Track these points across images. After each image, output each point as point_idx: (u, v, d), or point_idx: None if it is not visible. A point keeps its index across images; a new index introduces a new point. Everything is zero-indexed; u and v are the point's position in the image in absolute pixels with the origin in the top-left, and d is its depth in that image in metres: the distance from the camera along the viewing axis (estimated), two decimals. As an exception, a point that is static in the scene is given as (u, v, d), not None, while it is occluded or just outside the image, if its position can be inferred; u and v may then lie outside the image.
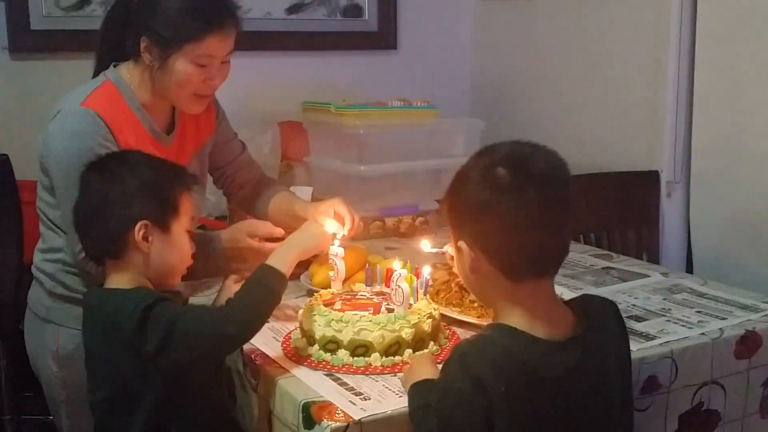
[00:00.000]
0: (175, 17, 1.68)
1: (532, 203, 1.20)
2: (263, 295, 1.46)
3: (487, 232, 1.23)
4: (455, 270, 1.56)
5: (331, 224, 1.75)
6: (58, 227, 1.74)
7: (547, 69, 3.10)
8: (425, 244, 1.70)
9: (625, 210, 2.73)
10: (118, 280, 1.48)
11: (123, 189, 1.46)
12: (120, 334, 1.38)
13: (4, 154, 2.10)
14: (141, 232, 1.45)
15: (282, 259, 1.52)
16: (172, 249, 1.51)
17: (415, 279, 1.59)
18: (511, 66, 3.28)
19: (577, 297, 1.39)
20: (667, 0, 2.57)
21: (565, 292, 1.78)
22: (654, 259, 2.69)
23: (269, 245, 1.80)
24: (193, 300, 1.79)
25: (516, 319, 1.24)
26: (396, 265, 1.58)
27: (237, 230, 1.88)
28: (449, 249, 1.55)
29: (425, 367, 1.38)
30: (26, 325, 1.83)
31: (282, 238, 1.77)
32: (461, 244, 1.27)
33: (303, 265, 1.98)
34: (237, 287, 1.52)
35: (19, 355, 1.89)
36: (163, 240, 1.48)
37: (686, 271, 2.62)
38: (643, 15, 2.68)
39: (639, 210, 2.73)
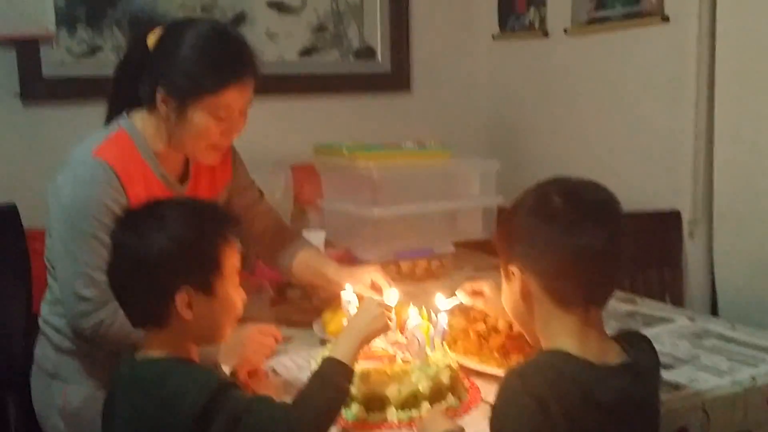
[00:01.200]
0: (194, 68, 1.62)
1: (585, 229, 1.23)
2: (333, 395, 1.34)
3: (539, 255, 1.26)
4: (476, 312, 1.52)
5: (389, 297, 1.65)
6: None
7: (563, 108, 3.06)
8: (440, 299, 1.61)
9: (646, 251, 2.66)
10: (161, 347, 1.34)
11: (158, 252, 1.30)
12: (179, 417, 1.23)
13: (12, 203, 2.06)
14: (184, 302, 1.31)
15: (347, 350, 1.39)
16: (218, 310, 1.36)
17: (431, 327, 1.53)
18: (526, 105, 3.25)
19: (617, 332, 1.38)
20: (686, 36, 2.53)
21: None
22: (678, 301, 2.62)
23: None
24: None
25: (568, 344, 1.25)
26: (411, 312, 1.53)
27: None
28: (461, 295, 1.52)
29: (439, 421, 1.33)
30: (33, 381, 1.78)
31: None
32: (513, 268, 1.29)
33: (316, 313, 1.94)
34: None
35: (29, 409, 1.83)
36: (208, 303, 1.33)
37: (711, 313, 2.55)
38: (660, 51, 2.64)
39: (661, 251, 2.66)
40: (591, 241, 1.23)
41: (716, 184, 2.51)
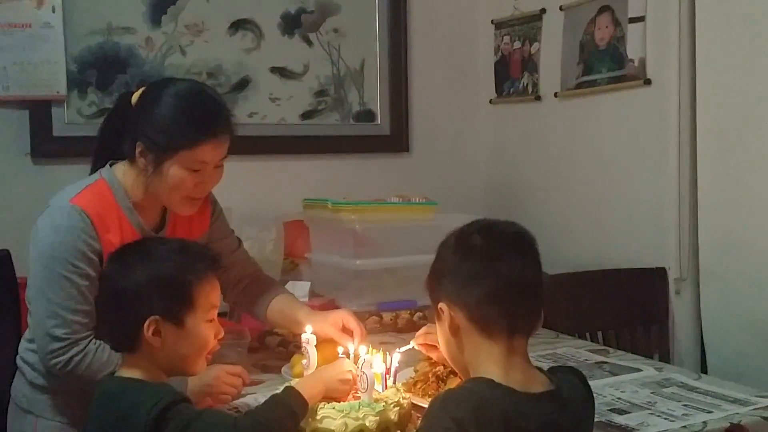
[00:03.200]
0: (170, 125, 1.71)
1: (503, 261, 1.31)
2: (284, 416, 1.42)
3: (463, 288, 1.32)
4: (435, 357, 1.57)
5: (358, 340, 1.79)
6: None
7: (555, 168, 3.13)
8: (395, 355, 1.67)
9: (633, 308, 2.68)
10: (133, 371, 1.45)
11: (133, 283, 1.43)
12: (134, 430, 1.33)
13: (5, 249, 2.15)
14: (150, 329, 1.41)
15: (308, 388, 1.49)
16: (187, 342, 1.45)
17: (383, 366, 1.57)
18: (521, 166, 3.32)
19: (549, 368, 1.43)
20: (667, 98, 2.60)
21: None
22: (666, 358, 2.62)
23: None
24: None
25: (493, 371, 1.29)
26: (362, 350, 1.57)
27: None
28: (414, 343, 1.58)
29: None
30: (9, 416, 1.83)
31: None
32: (442, 305, 1.35)
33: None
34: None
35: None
36: (177, 334, 1.44)
37: (702, 371, 2.54)
38: (644, 113, 2.71)
39: (647, 308, 2.67)
40: (509, 270, 1.30)
41: (701, 241, 2.53)
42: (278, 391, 1.48)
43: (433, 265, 1.40)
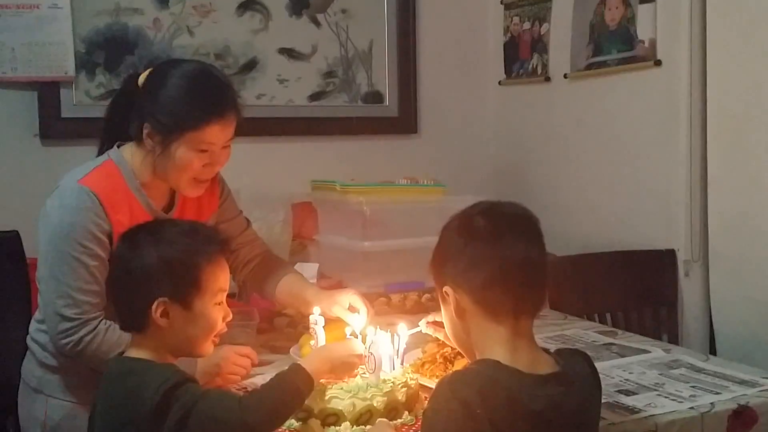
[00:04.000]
0: (177, 106, 1.71)
1: (505, 241, 1.31)
2: (289, 393, 1.43)
3: (467, 271, 1.31)
4: (442, 337, 1.57)
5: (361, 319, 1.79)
6: None
7: (564, 149, 3.12)
8: (402, 328, 1.66)
9: (642, 290, 2.67)
10: (141, 352, 1.45)
11: (142, 264, 1.43)
12: (140, 409, 1.34)
13: (14, 230, 2.16)
14: (158, 310, 1.41)
15: (315, 365, 1.49)
16: (195, 324, 1.45)
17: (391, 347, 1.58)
18: (529, 147, 3.31)
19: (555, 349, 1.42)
20: (678, 79, 2.58)
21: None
22: (674, 340, 2.61)
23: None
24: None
25: (499, 354, 1.29)
26: (370, 332, 1.58)
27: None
28: (423, 325, 1.58)
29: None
30: (19, 396, 1.85)
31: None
32: (446, 289, 1.35)
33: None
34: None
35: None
36: (184, 316, 1.44)
37: (710, 353, 2.54)
38: (654, 94, 2.69)
39: (657, 290, 2.67)
40: (512, 250, 1.30)
41: (711, 223, 2.53)
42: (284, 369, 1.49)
43: (437, 248, 1.39)
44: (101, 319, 1.67)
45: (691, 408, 1.57)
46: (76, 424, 1.72)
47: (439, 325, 1.69)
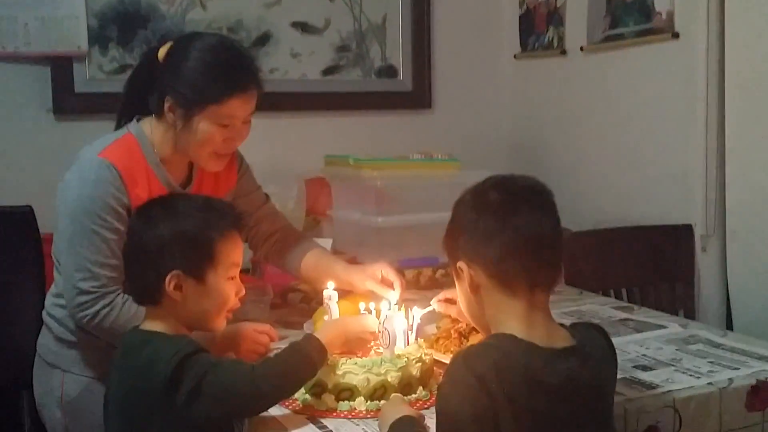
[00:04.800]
0: (199, 80, 1.70)
1: (519, 214, 1.28)
2: (302, 361, 1.44)
3: (481, 245, 1.29)
4: (455, 314, 1.56)
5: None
6: None
7: (580, 123, 3.08)
8: (416, 311, 1.65)
9: (658, 265, 2.65)
10: (155, 324, 1.47)
11: (157, 237, 1.45)
12: (153, 380, 1.36)
13: (28, 206, 2.16)
14: (172, 283, 1.43)
15: (329, 335, 1.50)
16: (208, 298, 1.47)
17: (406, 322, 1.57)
18: (545, 122, 3.27)
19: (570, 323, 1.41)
20: (695, 51, 2.54)
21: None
22: (691, 316, 2.59)
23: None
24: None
25: (514, 328, 1.27)
26: (384, 307, 1.57)
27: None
28: (435, 304, 1.57)
29: (398, 407, 1.37)
30: (35, 371, 1.86)
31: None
32: (460, 264, 1.33)
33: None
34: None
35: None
36: (197, 289, 1.45)
37: (727, 328, 2.52)
38: (671, 67, 2.66)
39: (673, 265, 2.64)
40: (526, 223, 1.28)
41: (728, 198, 2.50)
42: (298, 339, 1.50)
43: (450, 223, 1.37)
44: (119, 293, 1.67)
45: (709, 383, 1.56)
46: (92, 398, 1.71)
47: (450, 302, 1.69)
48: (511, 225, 1.27)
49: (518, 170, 3.21)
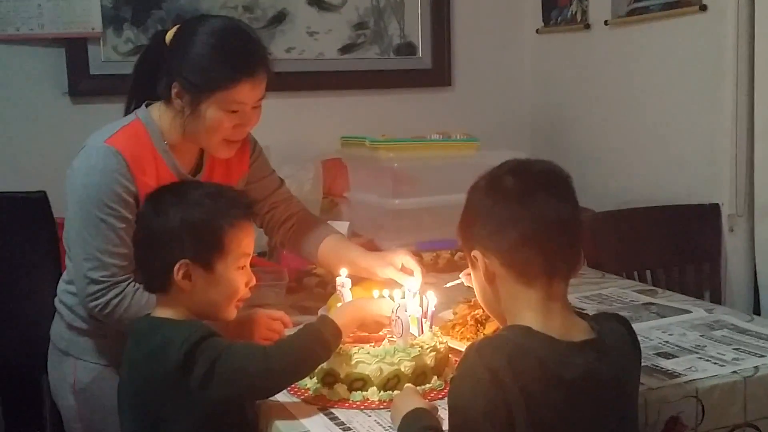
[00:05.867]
0: (206, 64, 1.66)
1: (536, 200, 1.23)
2: (316, 343, 1.42)
3: (497, 233, 1.25)
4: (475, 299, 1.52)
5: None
6: None
7: (604, 100, 3.01)
8: (431, 296, 1.62)
9: (683, 246, 2.59)
10: (166, 311, 1.46)
11: (166, 225, 1.43)
12: (165, 366, 1.35)
13: (42, 191, 2.15)
14: (180, 272, 1.41)
15: (343, 316, 1.48)
16: (217, 287, 1.45)
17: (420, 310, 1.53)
18: (568, 99, 3.21)
19: (592, 314, 1.36)
20: (724, 25, 2.46)
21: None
22: (716, 298, 2.54)
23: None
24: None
25: (530, 319, 1.23)
26: (396, 294, 1.53)
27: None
28: (464, 278, 1.53)
29: (411, 399, 1.33)
30: (49, 358, 1.85)
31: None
32: (475, 253, 1.28)
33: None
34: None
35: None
36: (206, 278, 1.43)
37: (754, 312, 2.46)
38: (699, 41, 2.58)
39: (699, 246, 2.58)
40: (543, 209, 1.23)
41: (757, 176, 2.43)
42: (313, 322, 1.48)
43: (464, 211, 1.32)
44: (130, 282, 1.65)
45: (734, 372, 1.50)
46: (105, 386, 1.70)
47: None
48: (528, 213, 1.22)
49: (540, 150, 3.18)
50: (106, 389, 1.67)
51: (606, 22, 2.92)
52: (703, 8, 2.52)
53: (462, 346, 1.59)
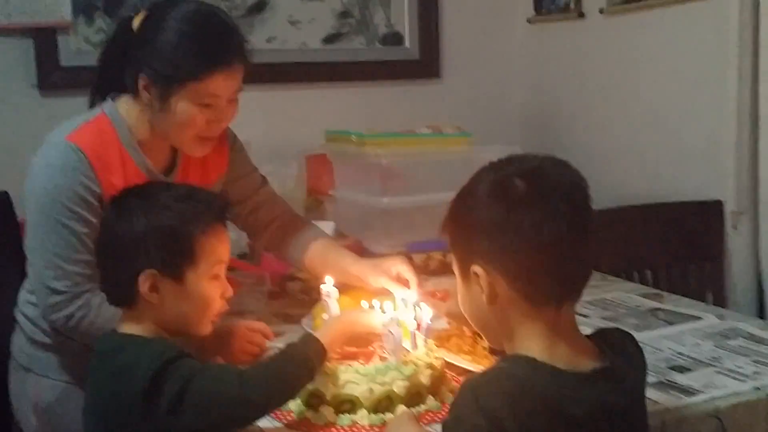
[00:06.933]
0: (176, 54, 1.54)
1: (557, 214, 1.07)
2: (297, 366, 1.30)
3: (506, 250, 1.09)
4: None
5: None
6: None
7: (600, 93, 2.93)
8: (425, 308, 1.48)
9: (685, 244, 2.51)
10: (132, 327, 1.33)
11: (130, 231, 1.30)
12: (130, 390, 1.22)
13: (4, 191, 2.01)
14: (147, 284, 1.29)
15: (330, 334, 1.37)
16: (188, 300, 1.32)
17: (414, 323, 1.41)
18: (562, 91, 3.13)
19: (593, 332, 1.21)
20: (727, 13, 2.36)
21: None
22: (720, 298, 2.45)
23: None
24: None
25: (535, 348, 1.10)
26: (387, 306, 1.41)
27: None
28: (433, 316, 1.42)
29: (407, 427, 1.21)
30: (10, 374, 1.73)
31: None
32: (476, 269, 1.11)
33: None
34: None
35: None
36: (176, 291, 1.31)
37: (758, 313, 2.36)
38: (700, 30, 2.50)
39: (701, 244, 2.50)
40: (567, 230, 1.07)
41: (762, 172, 2.36)
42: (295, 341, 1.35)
43: (462, 217, 1.15)
44: (95, 292, 1.51)
45: (757, 388, 1.39)
46: (70, 405, 1.59)
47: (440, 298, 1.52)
48: (548, 231, 1.06)
49: (533, 144, 3.07)
50: (71, 409, 1.56)
51: (601, 11, 2.85)
52: (706, -5, 2.44)
53: (459, 360, 1.48)
